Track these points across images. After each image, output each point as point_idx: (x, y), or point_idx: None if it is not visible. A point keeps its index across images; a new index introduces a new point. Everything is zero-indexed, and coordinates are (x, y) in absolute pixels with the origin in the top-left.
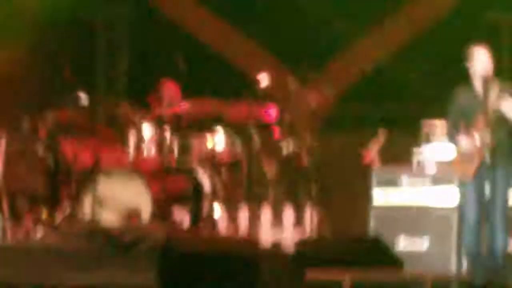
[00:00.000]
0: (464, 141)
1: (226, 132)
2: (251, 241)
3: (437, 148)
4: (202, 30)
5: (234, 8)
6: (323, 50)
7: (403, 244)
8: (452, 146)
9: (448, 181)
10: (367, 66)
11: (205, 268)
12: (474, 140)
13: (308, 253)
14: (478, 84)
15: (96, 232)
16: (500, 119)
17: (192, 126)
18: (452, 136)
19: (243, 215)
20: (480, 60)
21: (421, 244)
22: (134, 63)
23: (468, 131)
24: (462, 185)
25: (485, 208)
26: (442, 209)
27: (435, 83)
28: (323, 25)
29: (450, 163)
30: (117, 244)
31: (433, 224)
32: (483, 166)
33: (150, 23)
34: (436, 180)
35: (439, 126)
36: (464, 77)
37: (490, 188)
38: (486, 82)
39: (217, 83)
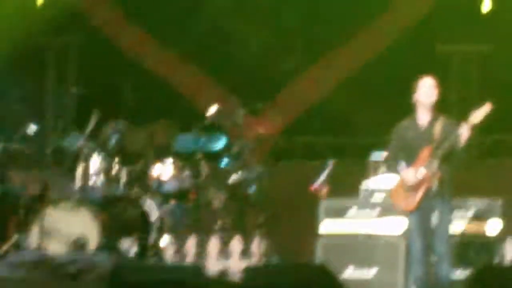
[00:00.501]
0: (408, 173)
1: (174, 161)
2: (198, 269)
3: (386, 179)
4: (151, 60)
5: (183, 39)
6: (272, 82)
7: (350, 272)
8: (397, 177)
9: (396, 211)
10: (316, 97)
11: None
12: (418, 172)
13: (255, 281)
14: (422, 115)
15: (42, 262)
16: (446, 151)
17: (140, 156)
18: (390, 168)
19: (191, 244)
20: (426, 90)
21: (368, 272)
22: (84, 92)
23: (412, 162)
24: (406, 215)
25: (430, 238)
26: (389, 236)
27: (384, 114)
28: (271, 58)
29: (388, 193)
30: (63, 274)
31: (380, 252)
32: (429, 197)
33: (100, 51)
34: (384, 210)
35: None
36: (410, 107)
37: (437, 218)
38: (432, 112)
39: (166, 112)
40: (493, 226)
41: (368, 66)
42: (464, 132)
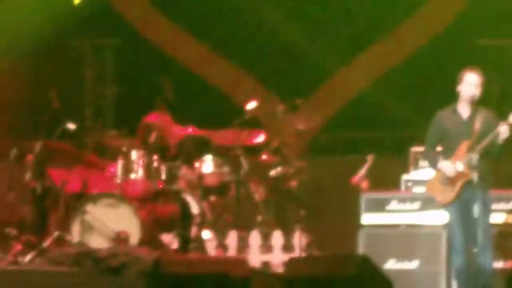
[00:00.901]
0: (446, 165)
1: (214, 157)
2: (241, 262)
3: (426, 171)
4: (190, 58)
5: (221, 36)
6: (311, 78)
7: (392, 263)
8: (432, 170)
9: (436, 204)
10: (355, 92)
11: None
12: (456, 165)
13: (298, 272)
14: (463, 107)
15: (84, 256)
16: (486, 146)
17: (180, 155)
18: (430, 160)
19: (232, 239)
20: (470, 84)
21: (411, 263)
22: (122, 91)
23: (450, 154)
24: (445, 207)
25: (471, 228)
26: (431, 227)
27: (423, 109)
28: (311, 55)
29: (426, 185)
30: (105, 268)
31: (422, 243)
32: (469, 189)
33: (138, 51)
34: (425, 202)
35: None
36: (448, 100)
37: (478, 209)
38: (473, 105)
39: (205, 110)
40: None
41: (407, 61)
42: (503, 131)
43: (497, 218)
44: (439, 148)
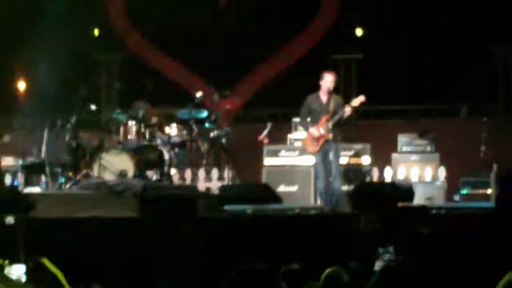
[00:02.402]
0: (313, 130)
1: (177, 125)
2: (193, 187)
3: (301, 134)
4: (163, 65)
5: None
6: (235, 75)
7: (282, 188)
8: (305, 132)
9: (308, 152)
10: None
11: (167, 204)
12: (319, 130)
13: (227, 194)
14: (323, 95)
15: (101, 185)
16: (336, 119)
17: (156, 124)
18: (303, 126)
19: (188, 174)
20: (329, 81)
21: (293, 188)
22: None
23: (315, 124)
24: (313, 154)
25: (328, 166)
26: (305, 166)
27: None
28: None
29: (301, 141)
30: (114, 191)
31: (299, 176)
32: (327, 143)
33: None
34: (301, 151)
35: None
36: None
37: (332, 155)
38: (329, 94)
39: (170, 96)
40: (365, 160)
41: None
42: (348, 110)
43: (343, 160)
44: (309, 119)
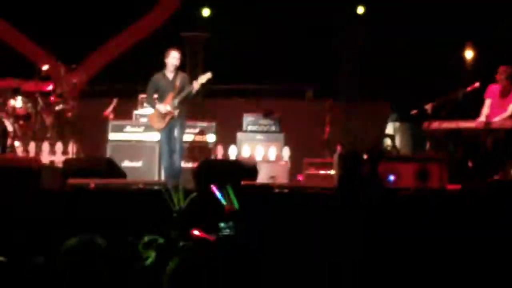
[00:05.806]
0: (160, 107)
1: (22, 98)
2: (36, 159)
3: (147, 110)
4: (8, 37)
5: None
6: (84, 50)
7: (127, 163)
8: (151, 109)
9: (153, 128)
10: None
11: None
12: (166, 107)
13: (69, 167)
14: (169, 72)
15: None
16: (183, 95)
17: (2, 94)
18: (150, 103)
19: (32, 147)
20: (174, 58)
21: (138, 163)
22: None
23: (162, 100)
24: (159, 131)
25: (172, 143)
26: (150, 142)
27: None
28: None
29: (147, 117)
30: None
31: (144, 151)
32: (173, 120)
33: None
34: (147, 127)
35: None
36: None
37: (176, 132)
38: (175, 71)
39: (16, 68)
40: (210, 138)
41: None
42: (195, 86)
43: (189, 137)
44: (156, 96)
